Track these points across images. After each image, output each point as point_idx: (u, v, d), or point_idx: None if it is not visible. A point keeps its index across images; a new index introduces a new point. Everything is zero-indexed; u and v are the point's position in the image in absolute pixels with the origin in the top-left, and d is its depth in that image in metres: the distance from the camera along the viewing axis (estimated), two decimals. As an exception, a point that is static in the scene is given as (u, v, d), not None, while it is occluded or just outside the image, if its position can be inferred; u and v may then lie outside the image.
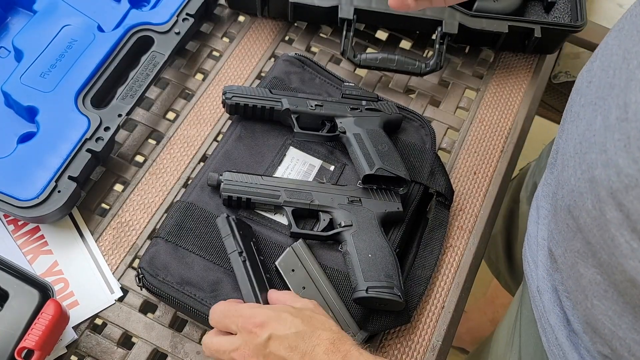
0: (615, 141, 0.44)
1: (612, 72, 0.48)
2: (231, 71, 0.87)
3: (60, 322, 0.63)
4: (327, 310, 0.66)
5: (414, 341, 0.71)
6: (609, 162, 0.45)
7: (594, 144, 0.47)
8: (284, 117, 0.78)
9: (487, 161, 0.83)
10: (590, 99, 0.51)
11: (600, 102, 0.49)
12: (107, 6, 0.85)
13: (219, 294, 0.67)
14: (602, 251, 0.47)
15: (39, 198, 0.70)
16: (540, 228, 0.65)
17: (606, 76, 0.49)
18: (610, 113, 0.46)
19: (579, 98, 0.55)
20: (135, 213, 0.76)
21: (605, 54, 0.51)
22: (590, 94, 0.51)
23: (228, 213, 0.70)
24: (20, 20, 0.85)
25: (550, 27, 0.87)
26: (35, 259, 0.72)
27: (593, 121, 0.49)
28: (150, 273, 0.68)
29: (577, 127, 0.52)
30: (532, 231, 0.67)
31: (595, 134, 0.48)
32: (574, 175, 0.50)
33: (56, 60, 0.79)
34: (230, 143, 0.78)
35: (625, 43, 0.48)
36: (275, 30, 0.92)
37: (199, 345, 0.69)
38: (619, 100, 0.45)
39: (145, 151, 0.81)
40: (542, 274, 0.63)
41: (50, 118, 0.75)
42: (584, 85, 0.54)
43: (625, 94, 0.44)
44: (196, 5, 0.86)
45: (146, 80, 0.79)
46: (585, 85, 0.54)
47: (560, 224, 0.55)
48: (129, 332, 0.69)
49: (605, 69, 0.50)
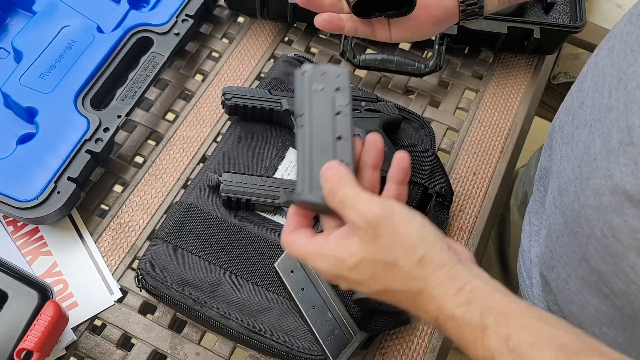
0: (620, 166, 0.43)
1: (607, 93, 0.47)
2: (230, 72, 0.87)
3: (60, 323, 0.63)
4: (326, 311, 0.66)
5: (414, 342, 0.71)
6: (616, 188, 0.43)
7: (596, 168, 0.46)
8: (284, 117, 0.78)
9: (487, 162, 0.83)
10: (584, 121, 0.50)
11: (597, 124, 0.47)
12: (107, 7, 0.85)
13: (218, 294, 0.67)
14: (617, 280, 0.45)
15: (39, 199, 0.70)
16: (533, 245, 0.64)
17: (601, 97, 0.48)
18: (611, 136, 0.45)
19: (571, 119, 0.53)
20: (134, 214, 0.76)
21: (596, 74, 0.50)
22: (584, 115, 0.50)
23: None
24: (19, 21, 0.85)
25: (549, 28, 0.87)
26: (35, 260, 0.72)
27: (591, 144, 0.47)
28: (150, 274, 0.68)
29: (572, 150, 0.51)
30: (525, 246, 0.66)
31: (596, 157, 0.46)
32: (577, 202, 0.49)
33: (55, 61, 0.79)
34: (229, 144, 0.78)
35: (618, 63, 0.47)
36: (274, 31, 0.92)
37: (199, 346, 0.69)
38: (620, 123, 0.44)
39: (144, 152, 0.81)
40: (537, 292, 0.62)
41: (49, 119, 0.75)
42: (576, 105, 0.53)
43: (626, 116, 0.43)
44: (196, 6, 0.86)
45: (145, 81, 0.79)
46: (577, 106, 0.52)
47: (561, 249, 0.53)
48: (129, 333, 0.69)
49: (599, 90, 0.48)
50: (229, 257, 0.70)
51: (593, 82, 0.50)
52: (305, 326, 0.66)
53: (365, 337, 0.66)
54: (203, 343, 0.69)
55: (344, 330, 0.65)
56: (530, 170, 0.89)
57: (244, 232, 0.72)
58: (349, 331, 0.65)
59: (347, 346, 0.65)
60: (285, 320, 0.67)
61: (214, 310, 0.67)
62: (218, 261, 0.69)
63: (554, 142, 0.59)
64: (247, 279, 0.69)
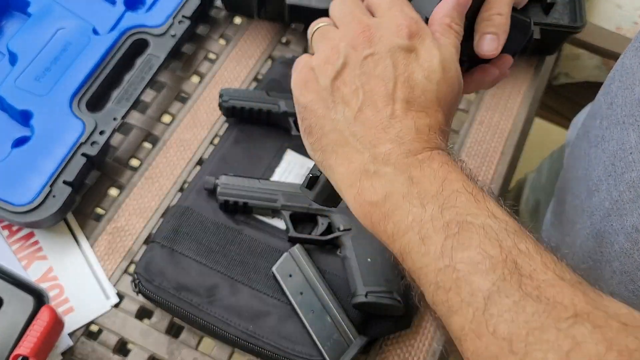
0: None
1: (638, 89, 0.47)
2: (228, 73, 0.87)
3: (55, 328, 0.63)
4: (325, 316, 0.65)
5: (414, 346, 0.70)
6: None
7: (632, 162, 0.46)
8: (282, 119, 0.77)
9: (488, 163, 0.83)
10: (615, 120, 0.50)
11: (630, 120, 0.47)
12: (102, 9, 0.84)
13: (216, 299, 0.67)
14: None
15: (34, 203, 0.69)
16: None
17: (632, 94, 0.48)
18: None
19: (599, 122, 0.53)
20: (130, 218, 0.75)
21: (624, 74, 0.50)
22: (615, 115, 0.50)
23: None
24: (14, 23, 0.84)
25: (549, 29, 0.86)
26: (30, 265, 0.72)
27: (626, 139, 0.47)
28: (146, 278, 0.67)
29: (603, 150, 0.51)
30: None
31: (632, 151, 0.46)
32: (609, 199, 0.48)
33: (51, 64, 0.78)
34: (226, 146, 0.77)
35: None
36: (272, 32, 0.91)
37: (196, 352, 0.68)
38: None
39: (140, 155, 0.80)
40: None
41: (44, 122, 0.74)
42: (604, 107, 0.53)
43: None
44: (192, 8, 0.85)
45: (141, 84, 0.79)
46: (606, 107, 0.52)
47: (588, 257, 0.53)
48: (125, 338, 0.69)
49: (630, 87, 0.48)
50: (227, 261, 0.69)
51: (621, 82, 0.50)
52: (304, 331, 0.65)
53: (365, 342, 0.65)
54: (201, 348, 0.69)
55: (343, 334, 0.64)
56: (542, 177, 0.88)
57: (241, 235, 0.71)
58: (349, 336, 0.64)
59: (346, 351, 0.64)
60: (284, 325, 0.66)
61: (212, 315, 0.66)
62: (215, 265, 0.68)
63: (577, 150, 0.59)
64: (245, 284, 0.68)
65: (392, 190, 0.41)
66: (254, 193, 0.71)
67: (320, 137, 0.45)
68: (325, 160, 0.45)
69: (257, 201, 0.71)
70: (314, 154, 0.47)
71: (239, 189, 0.72)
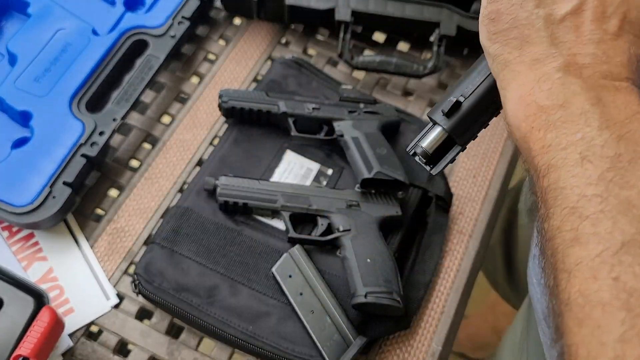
0: None
1: None
2: (227, 74, 0.87)
3: (56, 329, 0.63)
4: (325, 316, 0.65)
5: (414, 347, 0.70)
6: None
7: None
8: (281, 120, 0.77)
9: (487, 164, 0.83)
10: None
11: None
12: (102, 9, 0.84)
13: (216, 299, 0.67)
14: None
15: (34, 204, 0.69)
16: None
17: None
18: None
19: None
20: (130, 219, 0.75)
21: None
22: None
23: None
24: (14, 24, 0.84)
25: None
26: (30, 266, 0.72)
27: None
28: (146, 279, 0.67)
29: None
30: (537, 253, 0.66)
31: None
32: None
33: (50, 64, 0.78)
34: (226, 147, 0.77)
35: None
36: (271, 33, 0.91)
37: (196, 352, 0.68)
38: None
39: (140, 156, 0.80)
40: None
41: (44, 123, 0.74)
42: None
43: None
44: (192, 8, 0.85)
45: (141, 84, 0.79)
46: None
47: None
48: (125, 339, 0.69)
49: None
50: (227, 262, 0.69)
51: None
52: (304, 331, 0.66)
53: (365, 342, 0.65)
54: (200, 349, 0.69)
55: (343, 335, 0.65)
56: None
57: (241, 236, 0.71)
58: (348, 336, 0.65)
59: (346, 351, 0.64)
60: (284, 326, 0.66)
61: (212, 315, 0.66)
62: (215, 266, 0.68)
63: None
64: (244, 284, 0.68)
65: (572, 102, 0.38)
66: (253, 194, 0.72)
67: (508, 29, 0.41)
68: (503, 55, 0.41)
69: (257, 202, 0.71)
70: (491, 44, 0.42)
71: (239, 189, 0.72)
